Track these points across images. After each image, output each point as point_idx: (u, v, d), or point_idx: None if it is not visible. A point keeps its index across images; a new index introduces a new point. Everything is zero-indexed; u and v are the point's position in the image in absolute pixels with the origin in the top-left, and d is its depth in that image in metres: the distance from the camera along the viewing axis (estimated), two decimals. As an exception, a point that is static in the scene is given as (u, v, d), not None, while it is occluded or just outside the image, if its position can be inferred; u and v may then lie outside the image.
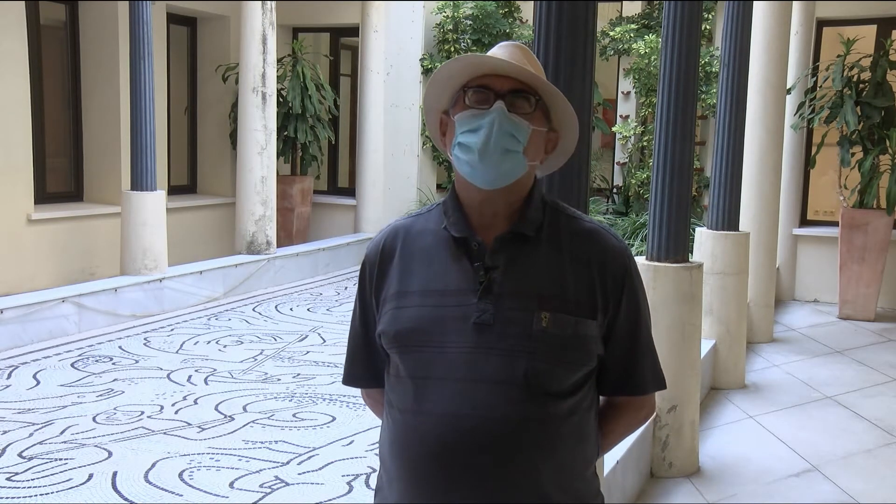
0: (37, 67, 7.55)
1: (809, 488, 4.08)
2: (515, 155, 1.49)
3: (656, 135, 4.19)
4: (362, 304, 1.65)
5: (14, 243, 7.16)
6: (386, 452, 1.56)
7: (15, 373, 5.20)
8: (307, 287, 8.23)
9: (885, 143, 7.57)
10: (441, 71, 1.54)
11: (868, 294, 7.64)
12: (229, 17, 9.41)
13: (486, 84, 1.50)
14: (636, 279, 1.58)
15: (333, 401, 4.81)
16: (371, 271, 1.61)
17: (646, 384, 1.61)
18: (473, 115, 1.49)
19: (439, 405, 1.46)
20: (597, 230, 1.58)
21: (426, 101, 1.62)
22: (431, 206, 1.63)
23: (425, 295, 1.52)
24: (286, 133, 9.30)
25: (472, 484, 1.44)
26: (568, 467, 1.50)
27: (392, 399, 1.55)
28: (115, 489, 3.63)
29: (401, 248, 1.58)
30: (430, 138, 1.69)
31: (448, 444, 1.44)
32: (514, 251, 1.51)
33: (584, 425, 1.53)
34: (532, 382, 1.45)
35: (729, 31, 5.53)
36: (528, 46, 1.73)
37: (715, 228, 5.72)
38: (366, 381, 1.70)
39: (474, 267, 1.50)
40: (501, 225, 1.53)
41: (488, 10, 9.45)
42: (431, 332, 1.49)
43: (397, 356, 1.53)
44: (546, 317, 1.46)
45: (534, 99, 1.51)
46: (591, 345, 1.51)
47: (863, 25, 8.40)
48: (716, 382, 5.59)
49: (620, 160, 9.50)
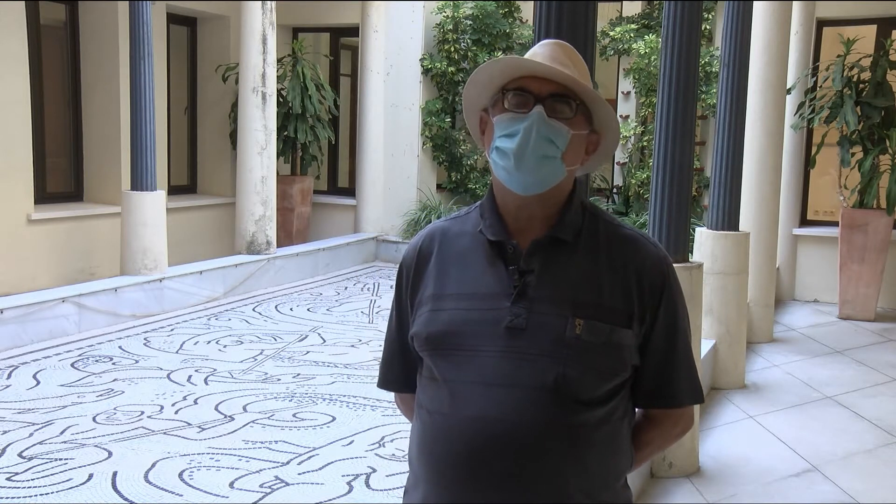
0: (37, 67, 7.55)
1: (809, 488, 4.07)
2: (553, 161, 1.46)
3: (656, 135, 4.19)
4: (399, 308, 1.63)
5: (14, 243, 7.16)
6: (414, 454, 1.55)
7: (15, 373, 5.20)
8: (307, 287, 8.23)
9: (885, 143, 7.57)
10: (480, 72, 1.51)
11: (868, 294, 7.64)
12: (229, 17, 9.41)
13: (526, 87, 1.47)
14: (675, 288, 1.54)
15: (333, 401, 4.81)
16: (408, 274, 1.60)
17: (682, 396, 1.57)
18: (512, 119, 1.46)
19: (468, 408, 1.44)
20: (636, 237, 1.55)
21: (466, 101, 1.58)
22: (471, 207, 1.61)
23: (460, 298, 1.50)
24: (286, 133, 9.31)
25: (495, 487, 1.42)
26: (597, 476, 1.47)
27: (422, 400, 1.54)
28: (115, 489, 3.63)
29: (437, 250, 1.57)
30: (471, 137, 1.67)
31: (474, 447, 1.43)
32: (550, 256, 1.49)
33: (615, 435, 1.50)
34: (562, 389, 1.42)
35: (729, 31, 5.53)
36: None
37: (715, 228, 5.71)
38: (401, 385, 1.68)
39: (509, 271, 1.48)
40: (539, 228, 1.51)
41: (488, 10, 9.45)
42: (464, 336, 1.47)
43: (429, 359, 1.51)
44: (580, 324, 1.44)
45: (574, 103, 1.47)
46: (626, 354, 1.48)
47: (863, 25, 8.40)
48: (716, 382, 5.59)
49: (620, 160, 9.50)
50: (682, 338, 1.55)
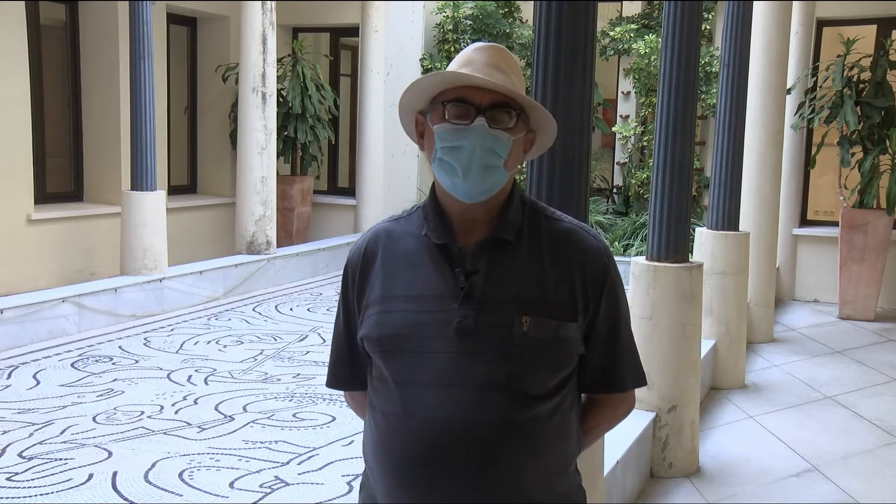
0: (37, 67, 7.55)
1: (809, 488, 4.07)
2: (496, 169, 1.49)
3: (656, 135, 4.19)
4: (345, 308, 1.65)
5: (14, 243, 7.16)
6: (370, 455, 1.57)
7: (15, 373, 5.20)
8: (307, 287, 8.23)
9: (885, 143, 7.57)
10: (416, 83, 1.52)
11: (868, 294, 7.64)
12: (229, 17, 9.41)
13: (466, 97, 1.48)
14: (616, 278, 1.58)
15: (333, 401, 4.81)
16: (353, 275, 1.61)
17: (626, 382, 1.62)
18: (454, 131, 1.48)
19: (423, 410, 1.47)
20: (575, 230, 1.58)
21: (401, 103, 1.59)
22: (412, 208, 1.63)
23: (408, 300, 1.52)
24: (286, 133, 9.31)
25: (455, 487, 1.45)
26: (550, 466, 1.52)
27: (375, 402, 1.56)
28: (115, 489, 3.63)
29: (382, 252, 1.58)
30: (407, 136, 1.67)
31: (432, 448, 1.45)
32: (494, 256, 1.51)
33: (565, 424, 1.54)
34: (514, 386, 1.46)
35: (729, 31, 5.53)
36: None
37: (715, 228, 5.72)
38: (349, 383, 1.70)
39: (455, 272, 1.50)
40: (481, 229, 1.53)
41: (488, 10, 9.45)
42: (414, 338, 1.49)
43: (380, 360, 1.53)
44: (527, 321, 1.47)
45: (514, 111, 1.50)
46: (573, 347, 1.52)
47: (863, 25, 8.40)
48: (716, 382, 5.59)
49: (620, 160, 9.50)
50: (623, 325, 1.60)
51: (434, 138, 1.51)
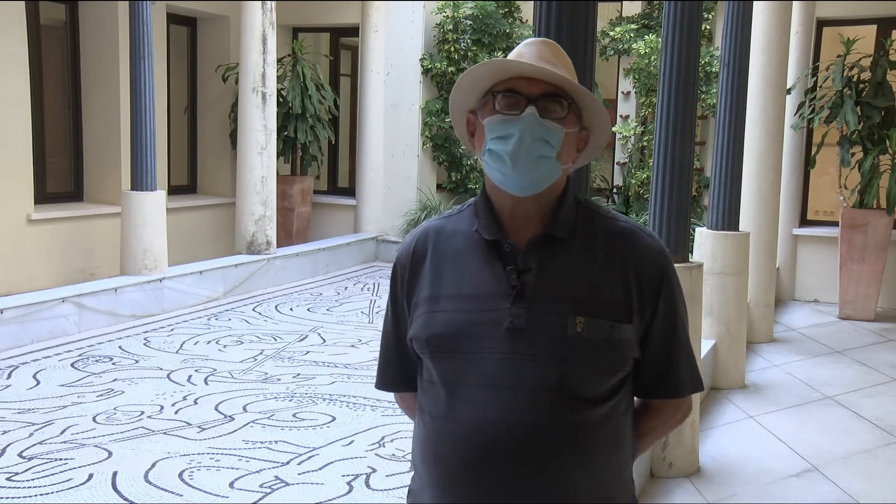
0: (37, 67, 7.55)
1: (809, 488, 4.07)
2: (549, 160, 1.45)
3: (656, 135, 4.19)
4: (394, 308, 1.62)
5: (14, 243, 7.16)
6: (418, 458, 1.54)
7: (15, 373, 5.20)
8: (307, 287, 8.23)
9: (885, 143, 7.57)
10: (466, 76, 1.49)
11: (868, 294, 7.64)
12: (229, 17, 9.41)
13: (516, 88, 1.45)
14: (673, 279, 1.53)
15: (333, 401, 4.81)
16: (402, 274, 1.58)
17: (683, 386, 1.57)
18: (504, 121, 1.44)
19: (471, 412, 1.43)
20: (632, 230, 1.53)
21: (452, 104, 1.56)
22: (463, 206, 1.59)
23: (457, 299, 1.48)
24: (286, 133, 9.31)
25: (503, 490, 1.41)
26: (603, 473, 1.47)
27: (424, 404, 1.53)
28: (115, 489, 3.63)
29: (432, 250, 1.55)
30: (458, 139, 1.64)
31: (480, 451, 1.41)
32: (546, 254, 1.47)
33: (619, 430, 1.49)
34: (566, 389, 1.41)
35: (729, 31, 5.53)
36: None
37: (715, 228, 5.71)
38: (399, 385, 1.67)
39: (506, 270, 1.46)
40: (534, 227, 1.49)
41: (488, 10, 9.45)
42: (464, 338, 1.45)
43: (430, 361, 1.50)
44: (581, 321, 1.42)
45: (565, 102, 1.46)
46: (627, 349, 1.47)
47: (863, 25, 8.40)
48: (716, 382, 5.59)
49: (620, 160, 9.50)
50: (681, 328, 1.55)
51: (484, 131, 1.47)
